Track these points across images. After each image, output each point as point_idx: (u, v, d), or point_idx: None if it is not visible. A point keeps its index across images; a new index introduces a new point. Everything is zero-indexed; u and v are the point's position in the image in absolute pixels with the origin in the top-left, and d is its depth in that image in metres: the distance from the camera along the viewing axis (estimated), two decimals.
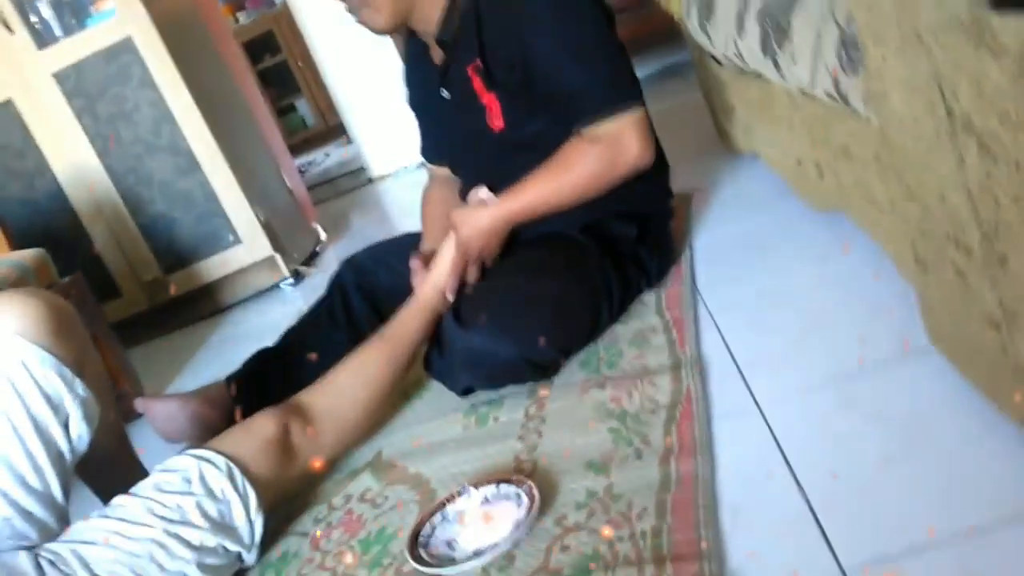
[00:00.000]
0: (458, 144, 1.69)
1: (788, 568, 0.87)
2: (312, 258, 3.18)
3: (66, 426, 1.21)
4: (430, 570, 1.05)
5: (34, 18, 2.69)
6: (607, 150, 1.46)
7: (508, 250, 1.57)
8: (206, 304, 2.95)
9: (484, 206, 1.54)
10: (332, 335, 1.70)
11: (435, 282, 1.51)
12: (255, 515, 1.20)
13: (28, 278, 1.89)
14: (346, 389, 1.39)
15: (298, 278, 2.95)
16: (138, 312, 2.89)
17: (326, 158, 5.55)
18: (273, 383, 1.56)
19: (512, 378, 1.43)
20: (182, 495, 1.15)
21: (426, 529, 1.13)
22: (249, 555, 1.21)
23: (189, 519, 1.14)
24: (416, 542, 1.10)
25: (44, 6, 2.69)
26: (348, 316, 1.74)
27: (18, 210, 2.77)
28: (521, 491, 1.11)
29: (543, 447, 1.24)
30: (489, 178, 1.58)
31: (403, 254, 1.72)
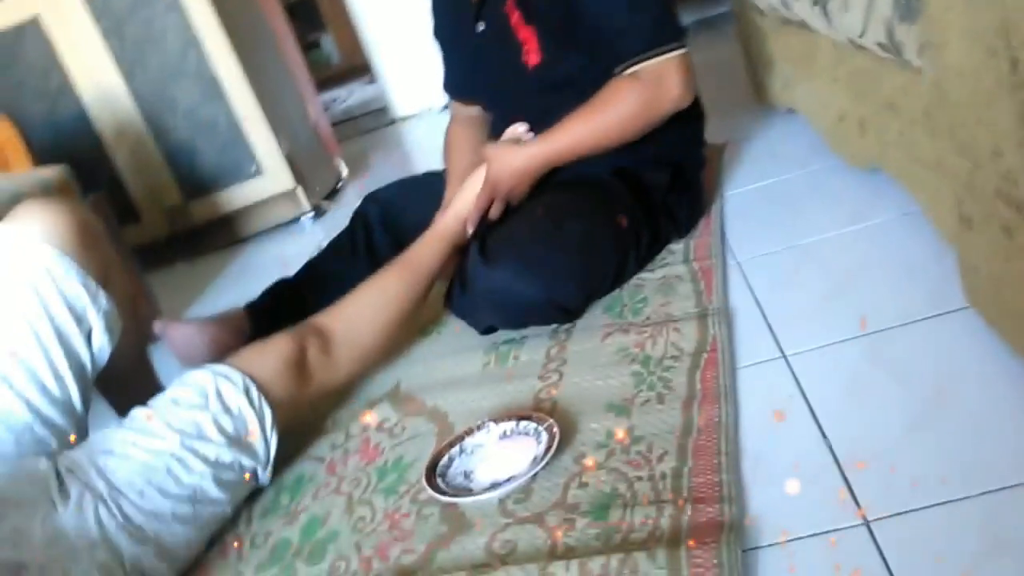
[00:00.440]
0: (490, 80, 1.66)
1: (810, 517, 0.87)
2: (333, 194, 3.16)
3: (88, 337, 1.21)
4: (446, 499, 1.05)
5: None
6: (649, 89, 1.43)
7: (537, 190, 1.54)
8: (226, 234, 2.94)
9: (520, 144, 1.51)
10: (354, 267, 1.68)
11: (457, 212, 1.49)
12: (270, 433, 1.20)
13: (51, 194, 1.88)
14: (363, 312, 1.38)
15: (319, 213, 2.93)
16: (158, 238, 2.88)
17: (349, 96, 5.51)
18: (292, 313, 1.56)
19: (535, 319, 1.42)
20: (199, 410, 1.15)
21: (444, 460, 1.13)
22: (263, 473, 1.21)
23: (205, 434, 1.14)
24: (434, 472, 1.10)
25: None
26: (370, 249, 1.72)
27: (41, 130, 2.73)
28: (541, 428, 1.11)
29: (564, 387, 1.23)
30: (521, 116, 1.55)
31: (427, 191, 1.70)
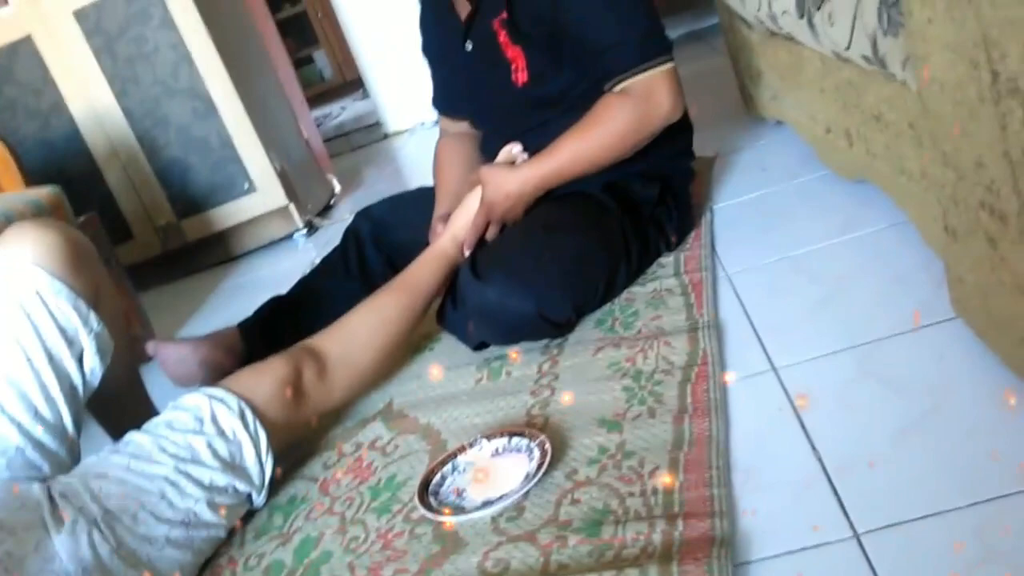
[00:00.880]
0: (479, 98, 1.66)
1: (800, 530, 0.87)
2: (326, 210, 3.17)
3: (80, 360, 1.21)
4: (439, 517, 1.05)
5: None
6: (640, 104, 1.43)
7: (530, 206, 1.54)
8: (218, 251, 2.94)
9: (515, 167, 1.51)
10: (345, 285, 1.69)
11: (454, 233, 1.50)
12: (265, 457, 1.20)
13: (43, 215, 1.88)
14: (359, 334, 1.38)
15: (311, 229, 2.94)
16: (150, 256, 2.88)
17: (342, 112, 5.51)
18: (285, 331, 1.56)
19: (526, 334, 1.42)
20: (193, 434, 1.15)
21: (436, 478, 1.13)
22: (258, 497, 1.21)
23: (200, 458, 1.14)
24: (426, 490, 1.10)
25: None
26: (362, 267, 1.72)
27: (34, 149, 2.74)
28: (533, 444, 1.11)
29: (555, 403, 1.23)
30: (511, 132, 1.56)
31: (419, 208, 1.70)
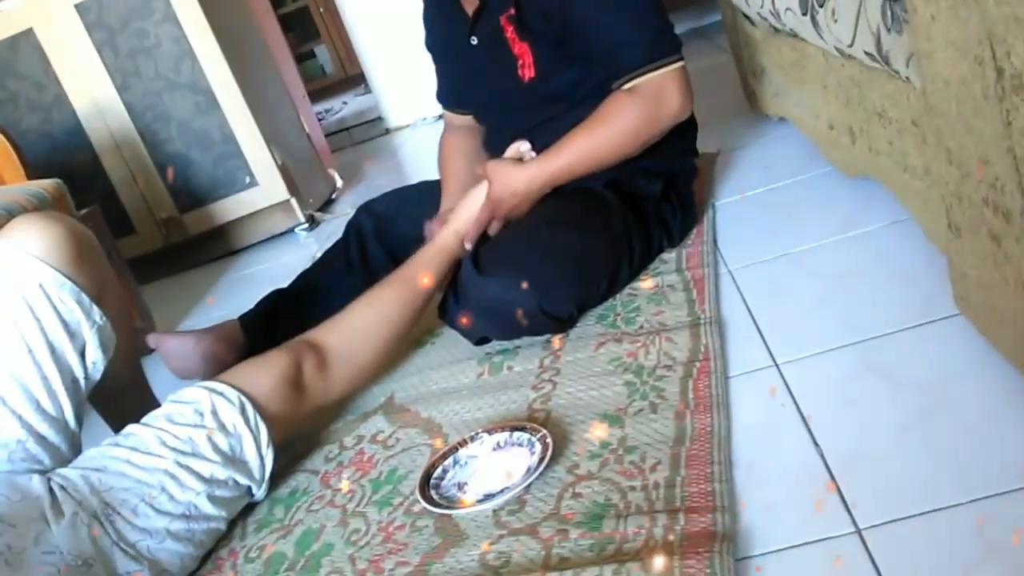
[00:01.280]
0: (484, 93, 1.66)
1: (802, 525, 0.87)
2: (327, 205, 3.17)
3: (82, 353, 1.21)
4: (440, 510, 1.05)
5: None
6: (649, 103, 1.43)
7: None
8: (220, 245, 2.94)
9: (522, 163, 1.51)
10: (347, 279, 1.68)
11: (457, 227, 1.49)
12: (266, 450, 1.20)
13: (45, 208, 1.88)
14: (360, 328, 1.38)
15: (312, 224, 2.94)
16: (152, 250, 2.88)
17: (344, 107, 5.51)
18: (286, 324, 1.56)
19: (527, 329, 1.42)
20: (194, 428, 1.15)
21: (438, 471, 1.13)
22: (259, 490, 1.22)
23: (200, 452, 1.14)
24: (427, 483, 1.10)
25: None
26: (364, 261, 1.72)
27: (35, 142, 2.74)
28: (534, 439, 1.11)
29: (557, 397, 1.24)
30: (516, 128, 1.56)
31: (421, 202, 1.70)
